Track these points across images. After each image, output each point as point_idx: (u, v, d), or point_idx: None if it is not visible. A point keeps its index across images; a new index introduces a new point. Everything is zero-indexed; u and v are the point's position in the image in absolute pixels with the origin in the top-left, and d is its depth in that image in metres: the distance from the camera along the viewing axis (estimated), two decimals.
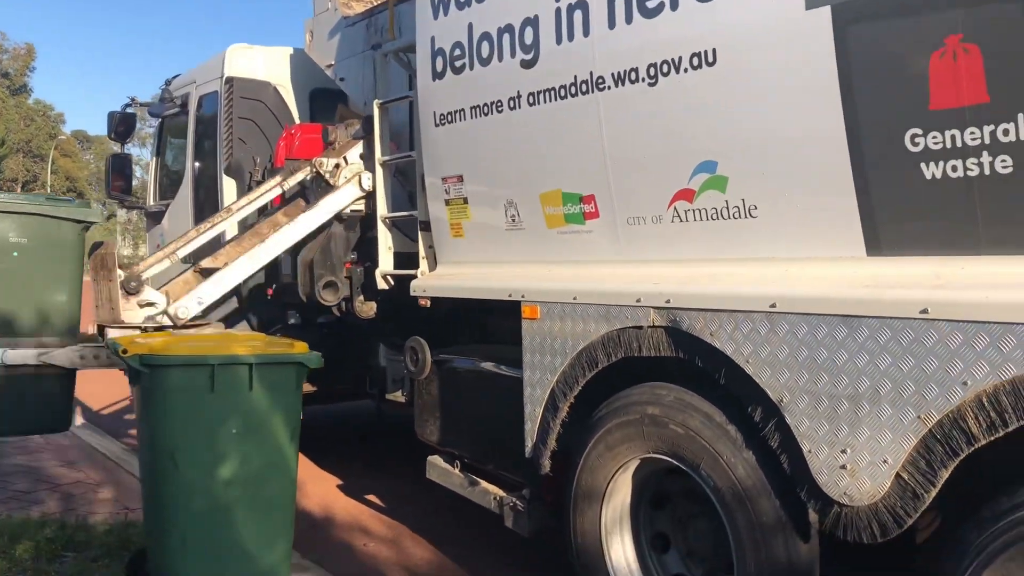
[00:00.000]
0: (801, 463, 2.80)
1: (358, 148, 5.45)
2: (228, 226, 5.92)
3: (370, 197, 5.36)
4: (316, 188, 5.54)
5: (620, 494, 3.60)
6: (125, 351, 3.63)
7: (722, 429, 3.09)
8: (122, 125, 8.29)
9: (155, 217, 8.42)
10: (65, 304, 4.71)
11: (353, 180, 5.33)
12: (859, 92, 2.65)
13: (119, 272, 4.74)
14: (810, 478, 2.78)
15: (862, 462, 2.63)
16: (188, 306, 4.90)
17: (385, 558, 4.95)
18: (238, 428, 3.69)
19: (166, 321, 4.84)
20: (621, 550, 3.63)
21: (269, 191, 5.61)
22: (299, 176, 5.53)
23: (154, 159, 8.62)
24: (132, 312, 4.79)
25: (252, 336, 4.35)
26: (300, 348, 3.90)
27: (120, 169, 8.60)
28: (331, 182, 5.38)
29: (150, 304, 4.88)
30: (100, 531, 4.77)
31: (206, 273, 5.18)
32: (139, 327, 4.70)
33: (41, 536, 4.59)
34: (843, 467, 2.68)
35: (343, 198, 5.31)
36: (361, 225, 5.50)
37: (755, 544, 2.97)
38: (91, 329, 4.98)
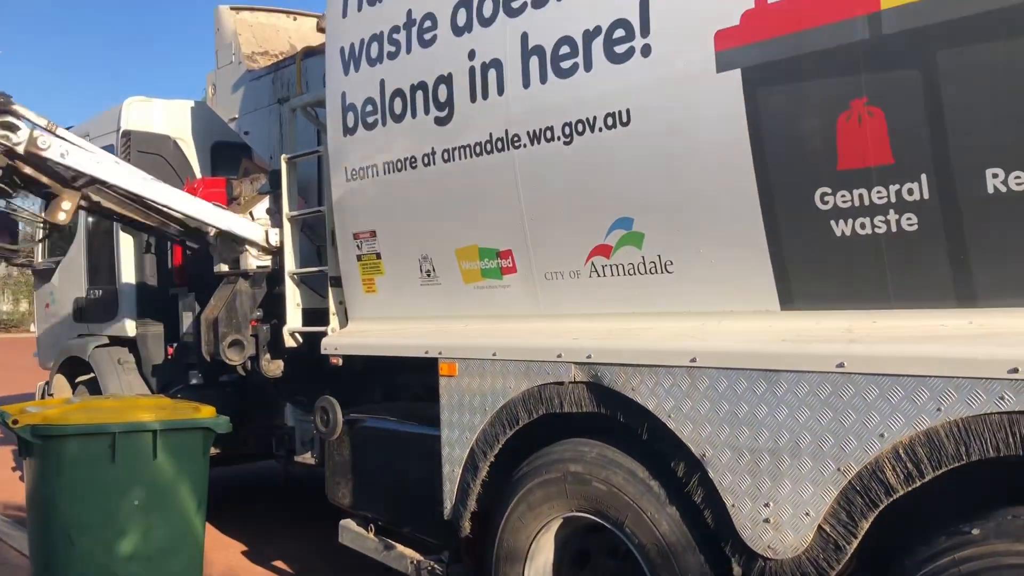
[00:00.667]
0: (725, 517, 2.81)
1: (264, 203, 5.33)
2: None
3: (276, 253, 5.23)
4: (222, 245, 5.37)
5: (543, 554, 3.54)
6: (16, 422, 3.40)
7: (645, 485, 3.08)
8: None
9: (44, 275, 8.03)
10: None
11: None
12: (770, 151, 2.74)
13: None
14: (734, 532, 2.79)
15: (785, 515, 2.66)
16: (50, 143, 4.71)
17: None
18: (141, 500, 3.50)
19: (19, 149, 4.63)
20: None
21: None
22: (203, 231, 5.37)
23: (42, 214, 8.22)
24: None
25: (155, 400, 4.15)
26: (207, 412, 3.75)
27: (4, 225, 8.16)
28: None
29: (11, 127, 4.66)
30: None
31: None
32: None
33: None
34: (766, 520, 2.70)
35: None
36: (267, 280, 5.35)
37: None
38: None
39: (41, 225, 7.47)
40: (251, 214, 5.28)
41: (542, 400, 3.41)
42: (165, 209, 5.23)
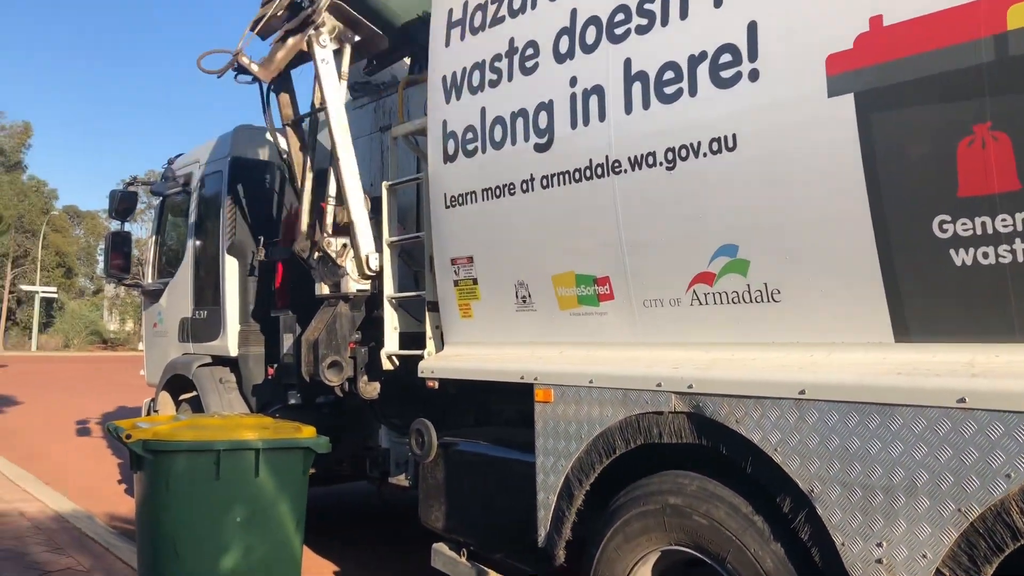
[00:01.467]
0: (834, 556, 2.70)
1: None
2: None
3: (376, 277, 5.33)
4: (322, 268, 5.51)
5: None
6: (128, 436, 3.54)
7: (748, 520, 3.00)
8: (123, 203, 8.32)
9: (152, 295, 8.37)
10: None
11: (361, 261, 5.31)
12: (884, 178, 2.65)
13: None
14: (843, 572, 2.67)
15: (899, 556, 2.54)
16: None
17: None
18: (243, 516, 3.58)
19: None
20: None
21: None
22: (304, 255, 5.51)
23: (153, 237, 8.61)
24: None
25: (258, 419, 4.25)
26: (308, 432, 3.82)
27: (119, 247, 8.59)
28: (338, 262, 5.36)
29: None
30: None
31: None
32: None
33: None
34: (879, 561, 2.59)
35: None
36: (366, 304, 5.46)
37: None
38: None
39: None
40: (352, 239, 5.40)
41: (640, 430, 3.36)
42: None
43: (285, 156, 6.13)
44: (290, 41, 5.60)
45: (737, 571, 3.00)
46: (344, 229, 5.47)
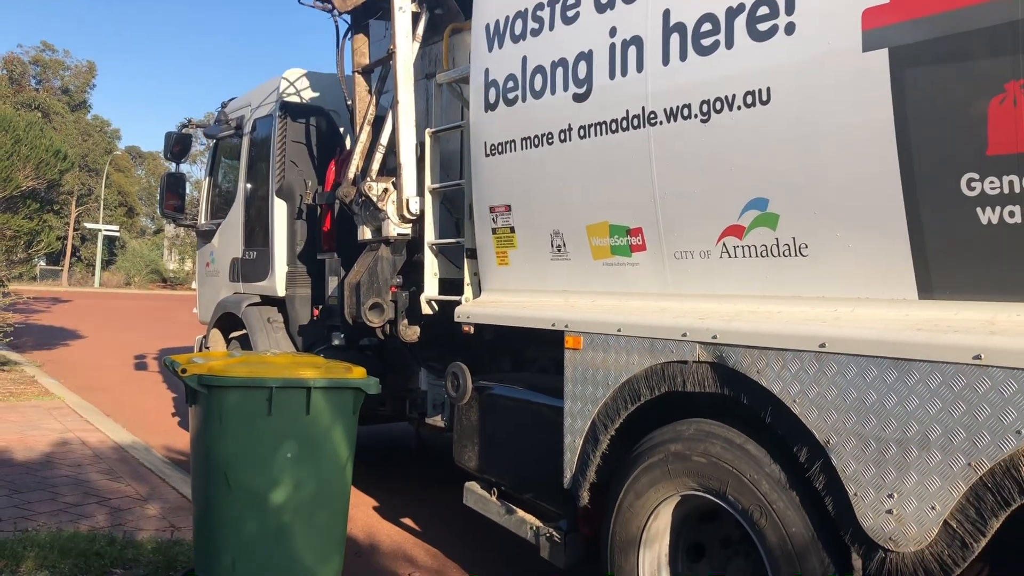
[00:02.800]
0: (846, 506, 2.76)
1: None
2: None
3: (417, 222, 5.43)
4: (364, 212, 5.62)
5: (656, 543, 3.57)
6: (184, 370, 3.69)
7: (743, 450, 3.09)
8: (178, 145, 8.50)
9: (205, 236, 8.60)
10: None
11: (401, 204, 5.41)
12: (915, 135, 2.64)
13: None
14: (855, 521, 2.74)
15: (909, 507, 2.59)
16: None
17: None
18: (293, 452, 3.71)
19: None
20: None
21: None
22: (348, 199, 5.62)
23: (207, 179, 8.81)
24: None
25: (310, 359, 4.38)
26: (358, 373, 3.92)
27: (174, 188, 8.81)
28: (379, 206, 5.47)
29: None
30: (148, 548, 4.83)
31: None
32: None
33: (91, 551, 4.65)
34: (889, 512, 2.64)
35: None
36: (407, 249, 5.57)
37: None
38: None
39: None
40: (393, 183, 5.49)
41: (665, 378, 3.43)
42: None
43: (348, 101, 6.23)
44: None
45: (739, 501, 3.09)
46: (388, 173, 5.56)
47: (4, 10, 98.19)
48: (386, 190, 5.47)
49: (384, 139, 5.65)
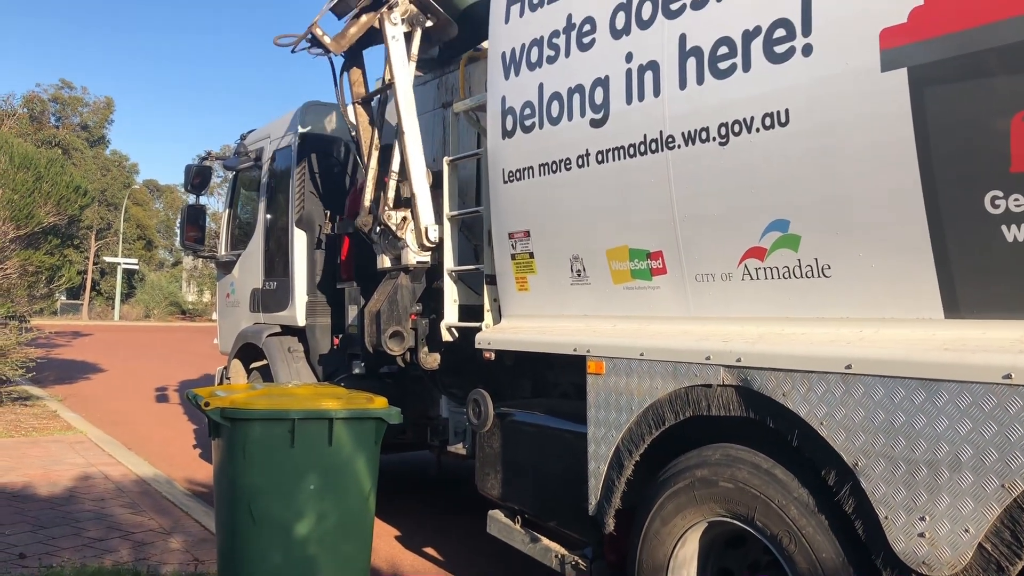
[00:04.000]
0: (877, 529, 2.72)
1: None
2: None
3: (436, 250, 5.45)
4: (383, 241, 5.65)
5: (684, 570, 3.52)
6: (207, 404, 3.70)
7: (770, 475, 3.04)
8: (198, 177, 8.60)
9: (225, 267, 8.66)
10: None
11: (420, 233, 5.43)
12: (937, 153, 2.63)
13: None
14: (886, 545, 2.70)
15: (942, 531, 2.55)
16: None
17: None
18: (317, 484, 3.70)
19: None
20: None
21: None
22: (367, 229, 5.65)
23: (226, 211, 8.90)
24: None
25: (332, 389, 4.39)
26: (380, 403, 3.92)
27: (195, 220, 8.89)
28: (398, 235, 5.49)
29: None
30: None
31: None
32: None
33: None
34: (921, 535, 2.60)
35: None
36: (426, 277, 5.59)
37: None
38: None
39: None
40: (412, 212, 5.52)
41: (689, 402, 3.41)
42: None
43: (353, 133, 6.29)
44: (363, 18, 5.74)
45: (767, 527, 3.05)
46: (405, 203, 5.60)
47: (23, 50, 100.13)
48: (404, 219, 5.50)
49: (395, 166, 5.69)
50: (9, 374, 12.68)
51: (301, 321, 7.10)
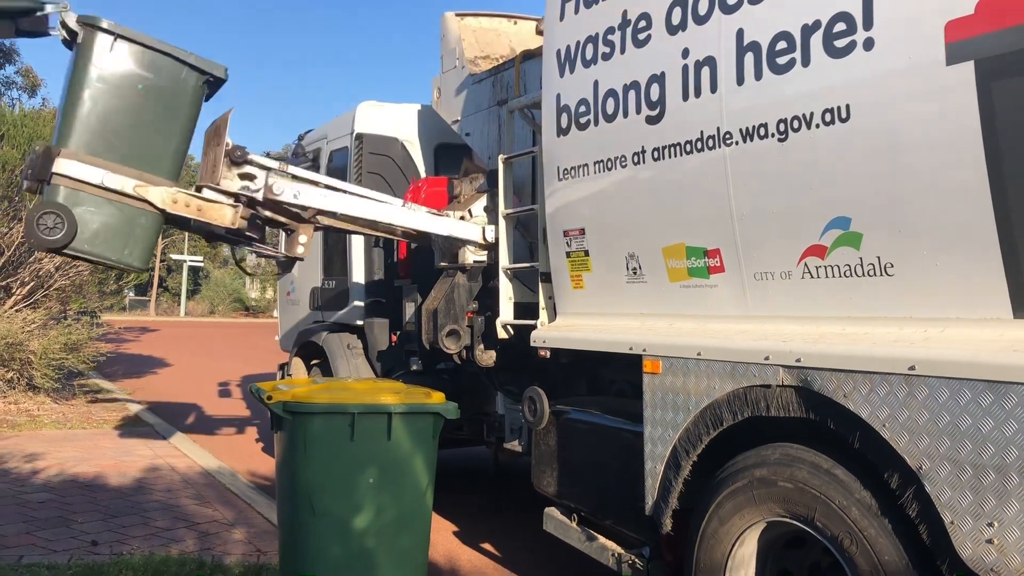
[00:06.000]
0: (942, 534, 2.66)
1: (482, 201, 5.58)
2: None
3: (492, 248, 5.48)
4: (443, 242, 5.69)
5: (742, 571, 3.48)
6: (270, 398, 3.78)
7: (855, 494, 2.98)
8: None
9: (285, 266, 8.81)
10: (173, 148, 4.75)
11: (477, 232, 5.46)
12: (1006, 148, 2.56)
13: (228, 140, 4.82)
14: (952, 551, 2.63)
15: (1011, 537, 2.48)
16: (283, 188, 4.95)
17: None
18: (375, 477, 3.75)
19: (258, 196, 4.93)
20: None
21: None
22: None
23: None
24: (230, 181, 4.85)
25: (391, 385, 4.43)
26: (438, 398, 3.95)
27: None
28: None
29: (249, 177, 4.93)
30: (235, 572, 4.94)
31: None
32: (233, 193, 4.84)
33: (182, 574, 4.78)
34: (989, 541, 2.53)
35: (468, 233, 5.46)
36: (483, 276, 5.61)
37: None
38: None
39: (282, 258, 8.24)
40: (470, 211, 5.55)
41: (747, 402, 3.37)
42: (389, 224, 5.57)
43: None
44: None
45: (827, 528, 2.99)
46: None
47: None
48: (462, 218, 5.52)
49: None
50: (81, 368, 13.10)
51: (359, 319, 7.19)
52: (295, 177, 5.09)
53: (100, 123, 4.49)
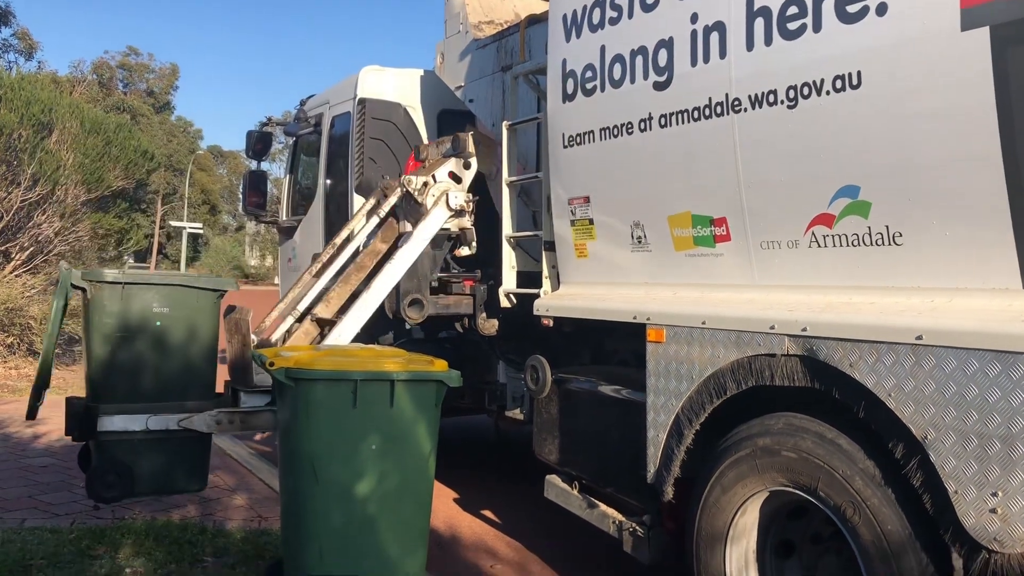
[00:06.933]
0: (946, 504, 2.66)
1: (447, 166, 5.53)
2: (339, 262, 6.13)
3: (459, 214, 5.41)
4: (405, 207, 5.61)
5: (743, 540, 3.50)
6: (271, 364, 3.76)
7: (835, 445, 2.99)
8: (259, 143, 8.68)
9: (287, 232, 8.76)
10: (203, 368, 5.05)
11: (440, 200, 5.39)
12: (1019, 116, 2.52)
13: (252, 338, 4.97)
14: (956, 520, 2.63)
15: (1015, 507, 2.48)
16: None
17: None
18: (378, 444, 3.74)
19: None
20: None
21: (364, 221, 5.77)
22: (393, 199, 5.64)
23: (287, 176, 8.98)
24: (264, 376, 4.93)
25: (394, 352, 4.42)
26: (440, 366, 3.93)
27: (256, 185, 8.99)
28: (419, 200, 5.44)
29: None
30: (237, 538, 4.96)
31: (322, 323, 5.31)
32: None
33: (183, 539, 4.81)
34: (993, 511, 2.53)
35: (434, 223, 5.42)
36: (449, 244, 5.55)
37: None
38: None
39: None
40: (434, 176, 5.49)
41: (752, 372, 3.36)
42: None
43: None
44: None
45: (831, 497, 3.00)
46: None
47: (91, 17, 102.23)
48: (426, 184, 5.44)
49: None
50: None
51: None
52: None
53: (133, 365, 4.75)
